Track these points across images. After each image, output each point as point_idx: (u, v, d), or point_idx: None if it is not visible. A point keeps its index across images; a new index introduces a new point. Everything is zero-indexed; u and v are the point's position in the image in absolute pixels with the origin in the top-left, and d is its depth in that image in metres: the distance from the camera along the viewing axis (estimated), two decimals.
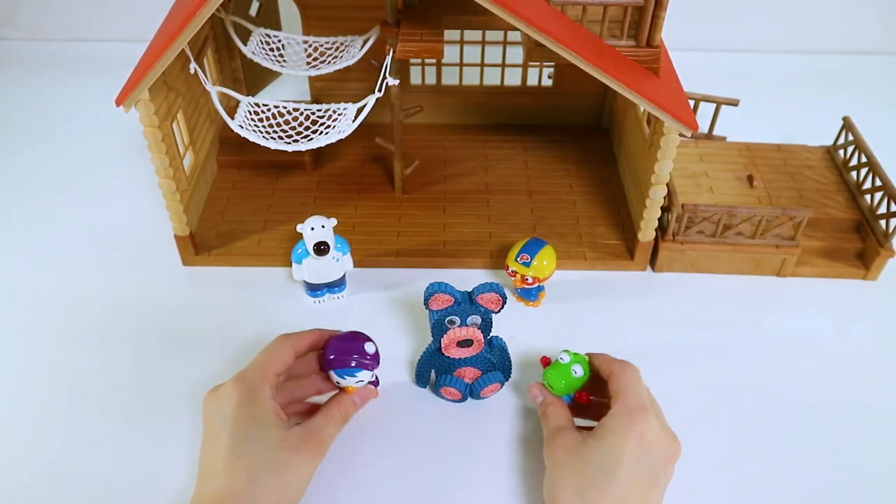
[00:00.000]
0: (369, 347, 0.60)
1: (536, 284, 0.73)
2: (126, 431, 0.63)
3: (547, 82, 0.93)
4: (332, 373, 0.60)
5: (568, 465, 0.53)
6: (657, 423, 0.54)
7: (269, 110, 0.74)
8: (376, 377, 0.64)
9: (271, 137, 0.72)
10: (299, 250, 0.71)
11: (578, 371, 0.60)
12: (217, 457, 0.52)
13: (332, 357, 0.59)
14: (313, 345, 0.60)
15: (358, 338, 0.61)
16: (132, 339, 0.71)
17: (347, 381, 0.60)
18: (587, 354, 0.61)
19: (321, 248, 0.69)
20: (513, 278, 0.73)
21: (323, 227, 0.69)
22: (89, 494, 0.59)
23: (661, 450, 0.53)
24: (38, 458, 0.61)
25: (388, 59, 0.72)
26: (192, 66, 0.71)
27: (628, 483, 0.51)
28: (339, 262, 0.72)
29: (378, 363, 0.61)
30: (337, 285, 0.74)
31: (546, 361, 0.62)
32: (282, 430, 0.53)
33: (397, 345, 0.70)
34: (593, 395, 0.61)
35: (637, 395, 0.55)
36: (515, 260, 0.72)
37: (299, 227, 0.69)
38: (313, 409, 0.59)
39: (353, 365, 0.59)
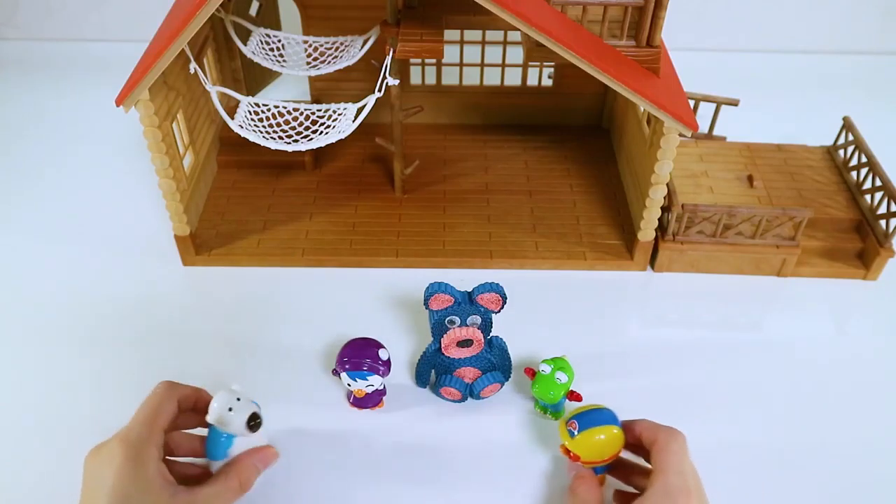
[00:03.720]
0: (383, 354, 0.61)
1: (583, 465, 0.56)
2: None
3: (547, 82, 0.93)
4: (343, 374, 0.61)
5: None
6: None
7: (269, 110, 0.74)
8: (384, 386, 0.64)
9: (271, 137, 0.72)
10: (222, 439, 0.54)
11: (562, 377, 0.61)
12: None
13: (345, 360, 0.61)
14: (197, 401, 0.55)
15: (372, 344, 0.62)
16: (132, 339, 0.71)
17: (358, 385, 0.62)
18: (627, 422, 0.55)
19: (256, 422, 0.54)
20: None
21: (238, 399, 0.54)
22: None
23: None
24: (37, 457, 0.61)
25: (388, 59, 0.72)
26: (192, 66, 0.71)
27: None
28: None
29: (389, 370, 0.62)
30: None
31: (530, 372, 0.63)
32: (164, 494, 0.49)
33: (397, 345, 0.70)
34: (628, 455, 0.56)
35: (680, 474, 0.50)
36: (565, 423, 0.56)
37: (211, 418, 0.53)
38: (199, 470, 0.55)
39: (364, 368, 0.60)
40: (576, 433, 0.54)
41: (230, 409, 0.53)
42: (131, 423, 0.52)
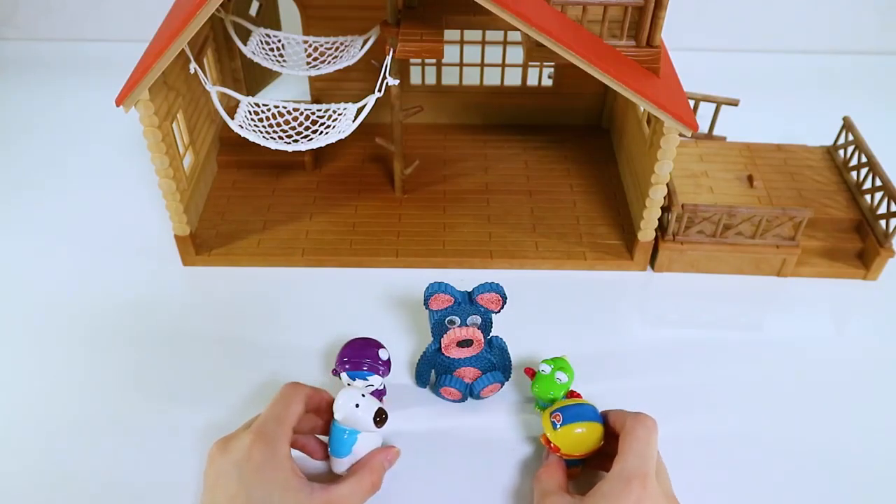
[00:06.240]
0: (383, 354, 0.62)
1: (561, 456, 0.58)
2: (125, 432, 0.63)
3: (547, 82, 0.93)
4: (343, 375, 0.61)
5: None
6: (657, 492, 0.49)
7: (269, 110, 0.74)
8: (384, 386, 0.64)
9: (271, 137, 0.72)
10: (345, 436, 0.56)
11: (562, 377, 0.61)
12: None
13: (345, 360, 0.60)
14: (319, 401, 0.57)
15: (372, 344, 0.62)
16: (132, 339, 0.71)
17: (358, 384, 0.61)
18: (603, 412, 0.57)
19: (383, 417, 0.56)
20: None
21: (363, 395, 0.56)
22: (88, 494, 0.59)
23: None
24: (37, 457, 0.61)
25: (388, 59, 0.72)
26: (192, 66, 0.71)
27: None
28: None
29: (389, 370, 0.62)
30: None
31: (530, 372, 0.63)
32: (303, 493, 0.50)
33: (397, 345, 0.70)
34: (607, 450, 0.56)
35: (640, 457, 0.50)
36: (549, 415, 0.58)
37: (339, 415, 0.55)
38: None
39: (364, 368, 0.60)
40: (559, 426, 0.56)
41: (357, 406, 0.55)
42: (263, 419, 0.52)
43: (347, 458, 0.56)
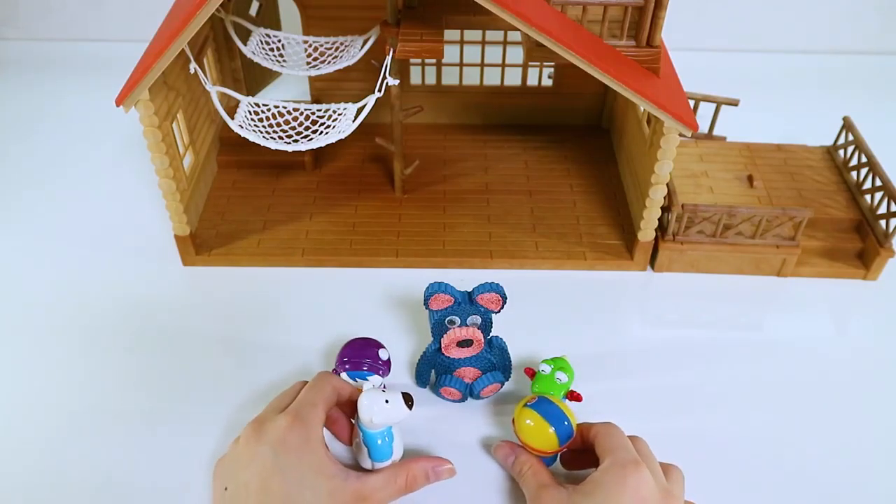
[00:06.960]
0: (382, 354, 0.62)
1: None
2: (125, 432, 0.63)
3: (547, 82, 0.93)
4: (343, 374, 0.61)
5: None
6: (653, 479, 0.51)
7: (269, 110, 0.74)
8: (384, 386, 0.64)
9: (271, 137, 0.72)
10: (379, 441, 0.56)
11: (562, 377, 0.61)
12: (273, 499, 0.49)
13: (345, 360, 0.61)
14: (351, 393, 0.57)
15: (372, 344, 0.62)
16: (132, 340, 0.71)
17: (358, 384, 0.62)
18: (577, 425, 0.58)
19: (411, 400, 0.56)
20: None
21: (383, 389, 0.57)
22: (88, 494, 0.59)
23: None
24: (37, 457, 0.61)
25: (388, 59, 0.72)
26: (192, 66, 0.71)
27: None
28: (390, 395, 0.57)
29: (389, 370, 0.63)
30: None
31: (530, 372, 0.63)
32: (337, 479, 0.51)
33: (397, 345, 0.70)
34: (582, 464, 0.58)
35: (626, 449, 0.53)
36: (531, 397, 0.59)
37: (378, 420, 0.54)
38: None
39: (364, 368, 0.61)
40: (529, 406, 0.57)
41: (387, 402, 0.54)
42: (297, 403, 0.53)
43: (391, 459, 0.57)
